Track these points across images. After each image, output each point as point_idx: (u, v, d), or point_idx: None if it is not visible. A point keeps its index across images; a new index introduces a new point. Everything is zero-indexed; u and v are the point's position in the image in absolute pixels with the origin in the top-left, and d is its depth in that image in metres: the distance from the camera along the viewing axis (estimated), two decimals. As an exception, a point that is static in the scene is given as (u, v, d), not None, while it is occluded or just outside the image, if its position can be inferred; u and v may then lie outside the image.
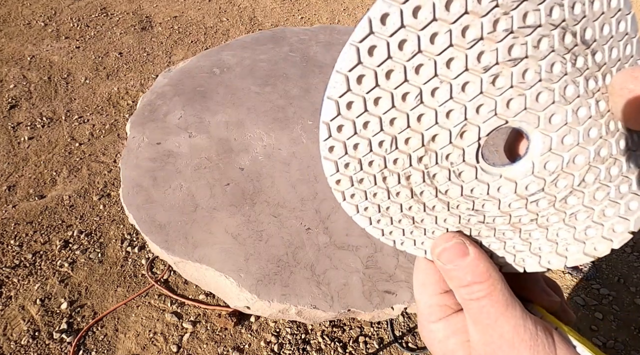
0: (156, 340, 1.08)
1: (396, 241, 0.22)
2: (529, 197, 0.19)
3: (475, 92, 0.16)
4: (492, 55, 0.16)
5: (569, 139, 0.17)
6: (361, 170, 0.19)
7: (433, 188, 0.19)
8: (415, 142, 0.17)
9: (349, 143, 0.18)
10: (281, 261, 0.67)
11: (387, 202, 0.20)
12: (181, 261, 0.67)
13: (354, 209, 0.20)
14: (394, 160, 0.18)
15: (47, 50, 1.96)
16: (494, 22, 0.15)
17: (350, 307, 0.63)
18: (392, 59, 0.16)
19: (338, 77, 0.17)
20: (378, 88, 0.16)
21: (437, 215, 0.20)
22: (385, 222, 0.21)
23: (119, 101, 1.75)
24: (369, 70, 0.16)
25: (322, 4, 2.63)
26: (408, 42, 0.15)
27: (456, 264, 0.20)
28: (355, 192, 0.20)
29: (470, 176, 0.18)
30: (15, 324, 1.08)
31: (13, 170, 1.44)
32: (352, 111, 0.17)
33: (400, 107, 0.17)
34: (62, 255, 1.23)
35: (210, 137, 0.86)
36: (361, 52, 0.16)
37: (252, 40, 1.15)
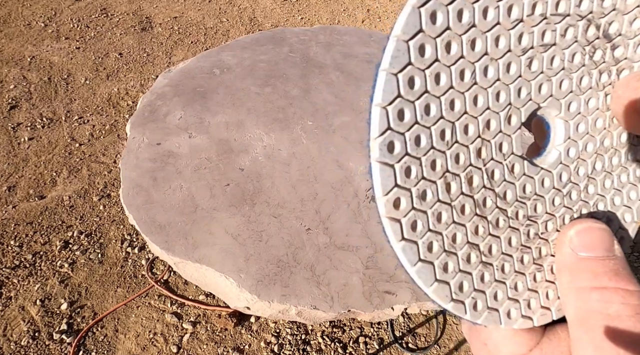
0: (156, 340, 1.08)
1: (467, 303, 0.16)
2: (563, 189, 0.18)
3: (517, 74, 0.17)
4: (529, 38, 0.16)
5: (582, 127, 0.18)
6: (422, 178, 0.15)
7: (493, 192, 0.17)
8: (472, 130, 0.16)
9: (410, 136, 0.15)
10: (281, 262, 0.67)
11: (452, 228, 0.16)
12: (181, 262, 0.67)
13: (414, 252, 0.15)
14: (455, 157, 0.16)
15: (47, 51, 1.96)
16: (532, 4, 0.16)
17: (351, 308, 0.63)
18: (450, 29, 0.15)
19: (401, 45, 0.14)
20: (438, 62, 0.15)
21: (501, 235, 0.17)
22: (453, 266, 0.16)
23: (119, 102, 1.75)
24: (430, 40, 0.15)
25: (322, 4, 2.63)
26: (466, 12, 0.15)
27: (597, 254, 0.15)
28: (417, 217, 0.15)
29: (520, 170, 0.17)
30: (15, 324, 1.08)
31: (13, 170, 1.44)
32: (413, 91, 0.15)
33: (458, 87, 0.16)
34: (62, 255, 1.23)
35: (210, 138, 0.86)
36: (423, 18, 0.15)
37: (252, 40, 1.15)
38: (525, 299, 0.17)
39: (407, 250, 0.15)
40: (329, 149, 0.86)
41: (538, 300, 0.17)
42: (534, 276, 0.18)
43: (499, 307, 0.17)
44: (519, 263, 0.17)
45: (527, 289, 0.17)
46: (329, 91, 1.00)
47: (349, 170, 0.83)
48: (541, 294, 0.18)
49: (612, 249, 0.15)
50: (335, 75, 1.05)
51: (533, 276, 0.18)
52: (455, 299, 0.16)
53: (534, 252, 0.18)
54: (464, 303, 0.16)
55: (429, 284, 0.16)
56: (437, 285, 0.16)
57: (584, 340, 0.13)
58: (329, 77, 1.04)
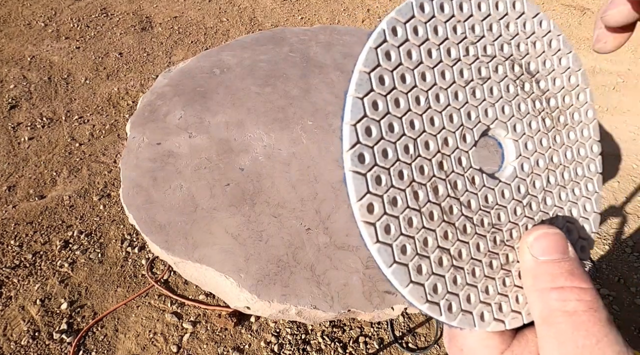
0: (156, 340, 1.08)
1: (442, 305, 0.17)
2: (523, 200, 0.20)
3: (464, 101, 0.20)
4: (468, 73, 0.20)
5: (530, 146, 0.21)
6: (392, 187, 0.17)
7: (457, 201, 0.19)
8: (433, 146, 0.18)
9: (377, 149, 0.17)
10: (281, 261, 0.67)
11: (423, 233, 0.18)
12: (181, 261, 0.67)
13: (389, 254, 0.17)
14: (420, 168, 0.18)
15: (47, 51, 1.96)
16: (465, 48, 0.20)
17: (351, 308, 0.63)
18: (402, 64, 0.18)
19: (363, 76, 0.17)
20: (396, 89, 0.18)
21: (470, 241, 0.19)
22: (426, 268, 0.17)
23: (119, 101, 1.75)
24: (387, 72, 0.18)
25: (322, 4, 2.63)
26: (414, 52, 0.18)
27: (553, 257, 0.16)
28: (390, 221, 0.17)
29: (480, 181, 0.19)
30: (15, 324, 1.08)
31: (13, 170, 1.44)
32: (377, 111, 0.17)
33: (415, 110, 0.18)
34: (62, 255, 1.23)
35: (211, 138, 0.86)
36: (380, 56, 0.18)
37: (252, 40, 1.15)
38: (496, 302, 0.19)
39: (382, 251, 0.17)
40: (329, 149, 0.86)
41: (508, 304, 0.19)
42: (503, 281, 0.19)
43: (472, 310, 0.18)
44: (488, 268, 0.19)
45: (498, 293, 0.19)
46: (329, 91, 1.00)
47: (349, 170, 0.83)
48: (511, 298, 0.19)
49: (566, 251, 0.16)
50: (335, 75, 1.05)
51: (502, 281, 0.19)
52: (430, 300, 0.17)
53: (502, 258, 0.19)
54: (438, 304, 0.17)
55: (405, 285, 0.17)
56: (412, 286, 0.17)
57: (548, 337, 0.15)
58: (329, 77, 1.04)
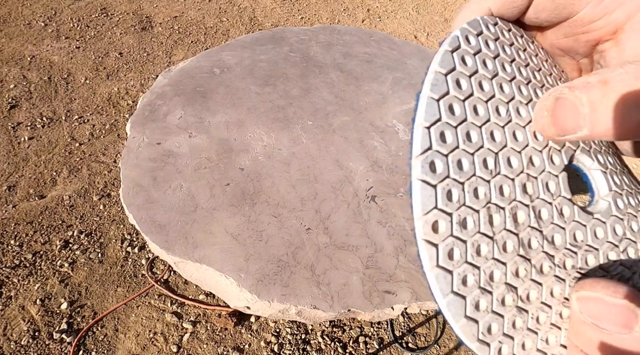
0: (156, 340, 1.08)
1: (492, 347, 0.15)
2: (619, 245, 0.17)
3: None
4: (542, 94, 0.18)
5: (617, 179, 0.18)
6: (464, 205, 0.15)
7: (540, 234, 0.16)
8: (516, 164, 0.16)
9: (452, 159, 0.15)
10: (281, 261, 0.67)
11: (491, 264, 0.15)
12: (181, 261, 0.67)
13: (447, 282, 0.14)
14: (500, 188, 0.15)
15: (47, 51, 1.96)
16: (533, 72, 0.18)
17: (351, 307, 0.63)
18: (479, 72, 0.16)
19: (439, 76, 0.15)
20: (474, 96, 0.16)
21: (544, 283, 0.16)
22: (486, 305, 0.15)
23: (119, 101, 1.75)
24: (464, 76, 0.16)
25: (322, 4, 2.63)
26: (489, 62, 0.17)
27: (604, 327, 0.13)
28: (454, 245, 0.14)
29: (570, 214, 0.16)
30: (15, 324, 1.08)
31: (13, 170, 1.44)
32: (454, 116, 0.15)
33: (496, 120, 0.16)
34: (62, 255, 1.23)
35: (210, 137, 0.86)
36: (456, 59, 0.16)
37: (252, 40, 1.15)
38: (554, 354, 0.16)
39: (441, 278, 0.14)
40: (328, 149, 0.86)
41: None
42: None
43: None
44: (557, 316, 0.16)
45: (560, 345, 0.16)
46: (329, 91, 1.00)
47: (349, 170, 0.83)
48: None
49: (628, 327, 0.13)
50: (336, 75, 1.05)
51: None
52: (482, 340, 0.15)
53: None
54: (489, 345, 0.15)
55: (458, 320, 0.15)
56: (465, 321, 0.15)
57: None
58: (329, 76, 1.04)
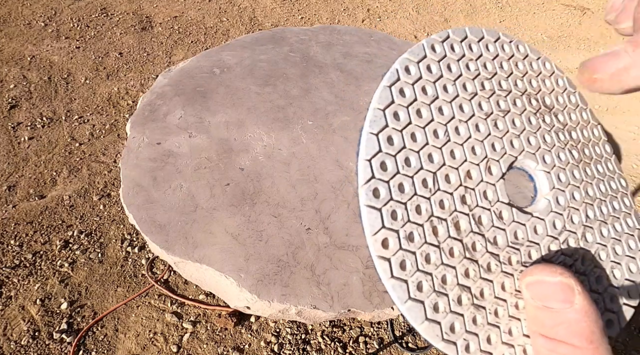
0: (156, 340, 1.08)
1: (459, 344, 0.17)
2: (559, 237, 0.19)
3: (486, 132, 0.19)
4: (488, 106, 0.20)
5: (563, 177, 0.20)
6: (408, 221, 0.16)
7: (482, 237, 0.17)
8: (454, 179, 0.18)
9: (393, 183, 0.17)
10: (281, 261, 0.67)
11: (441, 269, 0.17)
12: (181, 261, 0.67)
13: (404, 290, 0.16)
14: (439, 203, 0.17)
15: (47, 51, 1.95)
16: (481, 83, 0.20)
17: (351, 307, 0.63)
18: (418, 100, 0.18)
19: (377, 112, 0.17)
20: (412, 124, 0.18)
21: (494, 279, 0.17)
22: (444, 306, 0.16)
23: (119, 101, 1.75)
24: (402, 108, 0.18)
25: (322, 4, 2.63)
26: (428, 88, 0.19)
27: (550, 306, 0.15)
28: (405, 257, 0.16)
29: (509, 216, 0.18)
30: (15, 324, 1.08)
31: (13, 170, 1.44)
32: (393, 146, 0.17)
33: (433, 143, 0.18)
34: (62, 255, 1.23)
35: (210, 137, 0.86)
36: (394, 93, 0.18)
37: (252, 40, 1.15)
38: (520, 344, 0.17)
39: (397, 288, 0.16)
40: (328, 149, 0.86)
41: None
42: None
43: (493, 351, 0.17)
44: (513, 308, 0.18)
45: (523, 335, 0.18)
46: (329, 91, 1.00)
47: (349, 170, 0.83)
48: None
49: (570, 301, 0.14)
50: (336, 75, 1.05)
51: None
52: (447, 339, 0.16)
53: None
54: (455, 344, 0.17)
55: (419, 322, 0.16)
56: (427, 323, 0.16)
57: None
58: (329, 76, 1.04)
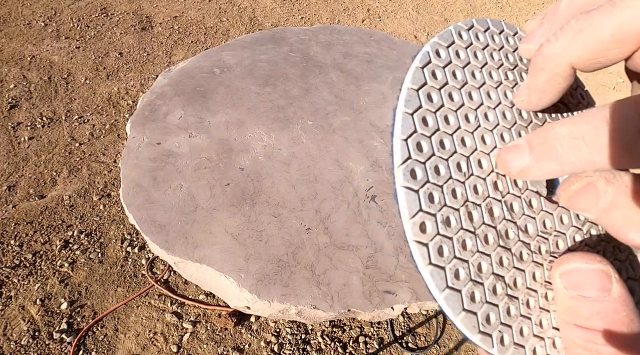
0: (156, 340, 1.08)
1: (494, 336, 0.16)
2: (583, 227, 0.18)
3: (513, 120, 0.19)
4: (511, 94, 0.19)
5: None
6: (445, 205, 0.16)
7: (514, 225, 0.17)
8: (486, 165, 0.18)
9: (430, 165, 0.16)
10: (281, 261, 0.67)
11: (477, 257, 0.16)
12: (181, 261, 0.67)
13: (442, 278, 0.15)
14: (474, 188, 0.17)
15: (47, 51, 1.96)
16: (505, 73, 0.20)
17: (351, 307, 0.63)
18: (449, 83, 0.18)
19: (411, 92, 0.17)
20: (445, 107, 0.18)
21: (526, 269, 0.17)
22: (480, 296, 0.16)
23: (119, 101, 1.75)
24: (435, 90, 0.18)
25: (322, 4, 2.63)
26: (458, 73, 0.19)
27: (587, 294, 0.14)
28: (443, 243, 0.16)
29: (538, 205, 0.18)
30: (15, 324, 1.08)
31: (13, 170, 1.44)
32: (428, 127, 0.17)
33: (465, 127, 0.18)
34: (62, 255, 1.23)
35: (210, 137, 0.86)
36: (426, 74, 0.18)
37: (252, 40, 1.15)
38: (549, 337, 0.17)
39: (435, 275, 0.15)
40: (328, 149, 0.86)
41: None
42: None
43: (525, 343, 0.17)
44: (543, 299, 0.17)
45: (552, 327, 0.17)
46: (329, 91, 1.00)
47: (349, 170, 0.83)
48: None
49: (607, 289, 0.14)
50: (336, 75, 1.05)
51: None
52: (483, 331, 0.16)
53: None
54: (491, 336, 0.16)
55: (457, 313, 0.15)
56: (464, 314, 0.16)
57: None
58: (329, 76, 1.04)
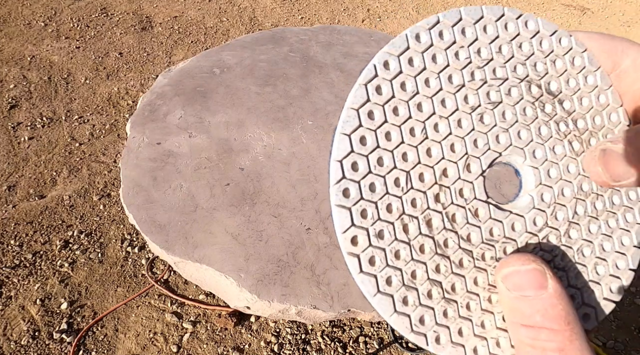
0: (156, 340, 1.08)
1: (429, 336, 0.17)
2: (539, 234, 0.19)
3: (469, 128, 0.19)
4: (475, 98, 0.19)
5: (554, 173, 0.19)
6: (379, 219, 0.17)
7: (455, 234, 0.18)
8: (428, 178, 0.18)
9: (364, 183, 0.17)
10: (281, 261, 0.67)
11: (411, 265, 0.17)
12: (181, 261, 0.67)
13: (372, 285, 0.17)
14: (412, 201, 0.17)
15: (47, 50, 1.95)
16: (471, 73, 0.18)
17: (351, 307, 0.63)
18: (395, 97, 0.18)
19: (350, 112, 0.17)
20: (387, 123, 0.17)
21: (466, 275, 0.18)
22: (413, 300, 0.17)
23: (119, 101, 1.75)
24: (378, 107, 0.17)
25: (322, 4, 2.63)
26: (408, 84, 0.18)
27: (526, 294, 0.16)
28: (375, 253, 0.17)
29: (486, 214, 0.18)
30: (15, 324, 1.08)
31: (13, 170, 1.44)
32: (365, 147, 0.17)
33: (409, 141, 0.18)
34: (62, 255, 1.23)
35: (210, 137, 0.86)
36: (369, 91, 0.17)
37: (252, 40, 1.15)
38: (493, 337, 0.18)
39: (366, 282, 0.17)
40: (329, 149, 0.86)
41: (508, 339, 0.18)
42: (503, 316, 0.18)
43: (465, 343, 0.17)
44: (486, 302, 0.18)
45: (497, 328, 0.18)
46: (329, 91, 1.00)
47: (349, 169, 0.83)
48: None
49: (543, 287, 0.15)
50: (336, 74, 1.05)
51: (502, 316, 0.18)
52: (416, 331, 0.17)
53: None
54: (425, 335, 0.17)
55: (389, 315, 0.17)
56: (396, 316, 0.17)
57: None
58: (329, 76, 1.04)
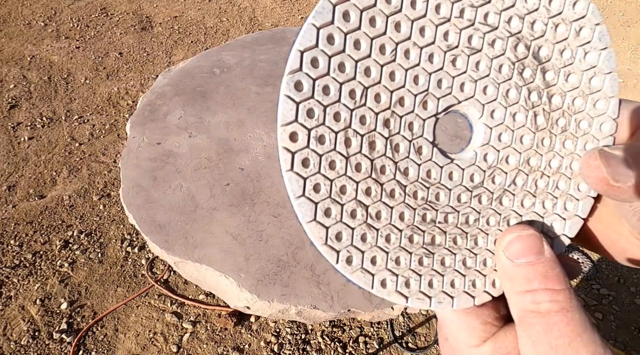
0: (156, 340, 1.08)
1: (341, 254, 0.16)
2: (473, 190, 0.18)
3: (439, 65, 0.17)
4: (455, 38, 0.17)
5: (505, 137, 0.18)
6: (323, 124, 0.16)
7: (393, 164, 0.17)
8: (384, 100, 0.17)
9: (319, 83, 0.16)
10: (281, 261, 0.67)
11: (343, 179, 0.16)
12: (181, 261, 0.67)
13: (299, 185, 0.16)
14: (361, 118, 0.16)
15: (47, 50, 1.96)
16: (460, 10, 0.17)
17: (350, 307, 0.63)
18: (377, 6, 0.16)
19: (326, 4, 0.15)
20: (360, 30, 0.16)
21: (394, 206, 0.17)
22: (335, 214, 0.16)
23: (119, 101, 1.75)
24: (355, 9, 0.16)
25: (322, 4, 2.63)
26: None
27: (527, 260, 0.16)
28: (310, 156, 0.16)
29: (428, 153, 0.18)
30: (15, 324, 1.08)
31: (13, 170, 1.44)
32: (332, 46, 0.16)
33: (376, 58, 0.16)
34: (62, 255, 1.23)
35: (210, 137, 0.86)
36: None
37: (252, 40, 1.15)
38: (404, 276, 0.17)
39: (294, 181, 0.16)
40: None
41: (419, 283, 0.17)
42: (419, 259, 0.18)
43: (374, 272, 0.17)
44: (406, 240, 0.17)
45: (409, 268, 0.17)
46: (329, 91, 1.00)
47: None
48: (423, 280, 0.18)
49: (541, 252, 0.16)
50: (335, 74, 1.05)
51: (419, 259, 0.18)
52: (330, 245, 0.16)
53: (427, 237, 0.18)
54: (338, 252, 0.16)
55: (307, 221, 0.16)
56: (314, 224, 0.16)
57: (523, 337, 0.16)
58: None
